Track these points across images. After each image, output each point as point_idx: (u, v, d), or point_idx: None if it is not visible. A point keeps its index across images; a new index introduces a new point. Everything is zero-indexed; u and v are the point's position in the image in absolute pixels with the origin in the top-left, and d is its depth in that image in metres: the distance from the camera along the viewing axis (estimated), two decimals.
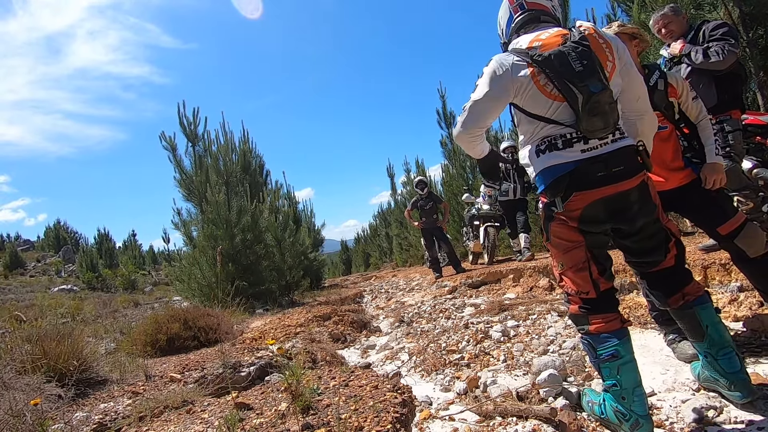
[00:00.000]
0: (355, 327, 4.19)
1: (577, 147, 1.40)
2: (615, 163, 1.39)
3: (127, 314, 7.22)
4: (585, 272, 1.45)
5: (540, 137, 1.47)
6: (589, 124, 1.36)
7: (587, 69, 1.34)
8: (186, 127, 7.11)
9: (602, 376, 1.48)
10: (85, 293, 13.85)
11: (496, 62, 1.47)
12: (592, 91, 1.32)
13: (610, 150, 1.40)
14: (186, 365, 2.59)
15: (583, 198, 1.40)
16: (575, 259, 1.47)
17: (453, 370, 2.42)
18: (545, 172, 1.46)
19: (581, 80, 1.33)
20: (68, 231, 26.69)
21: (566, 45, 1.38)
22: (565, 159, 1.41)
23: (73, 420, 1.78)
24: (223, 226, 6.24)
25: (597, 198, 1.39)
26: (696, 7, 3.80)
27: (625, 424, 1.40)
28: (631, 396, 1.39)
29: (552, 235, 1.50)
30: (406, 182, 13.86)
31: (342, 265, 25.01)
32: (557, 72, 1.36)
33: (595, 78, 1.33)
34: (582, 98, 1.33)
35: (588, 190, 1.39)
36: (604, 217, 1.43)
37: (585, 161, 1.39)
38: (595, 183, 1.38)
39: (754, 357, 1.86)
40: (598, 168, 1.38)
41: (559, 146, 1.42)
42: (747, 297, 2.30)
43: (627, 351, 1.42)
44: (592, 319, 1.46)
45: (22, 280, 16.61)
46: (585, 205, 1.40)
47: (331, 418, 1.37)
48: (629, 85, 1.48)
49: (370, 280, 11.16)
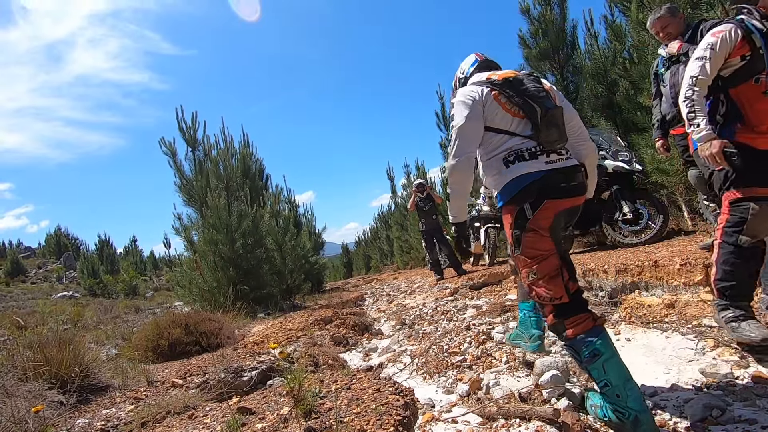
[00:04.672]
0: (356, 330, 4.18)
1: (542, 159, 1.56)
2: (573, 177, 1.58)
3: (129, 320, 7.22)
4: (558, 278, 1.53)
5: (506, 149, 1.61)
6: (548, 134, 1.56)
7: (542, 90, 1.62)
8: (185, 132, 7.12)
9: (594, 380, 1.51)
10: (86, 299, 13.85)
11: (465, 92, 1.68)
12: (548, 106, 1.57)
13: (567, 165, 1.59)
14: (188, 370, 2.58)
15: (554, 206, 1.53)
16: (550, 267, 1.54)
17: (455, 372, 2.41)
18: (514, 182, 1.56)
19: (539, 97, 1.59)
20: (69, 237, 26.71)
21: (521, 74, 1.67)
22: (533, 168, 1.54)
23: (75, 426, 1.78)
24: (223, 230, 6.24)
25: (565, 207, 1.55)
26: (693, 7, 3.82)
27: (627, 423, 1.40)
28: (624, 392, 1.41)
29: (526, 247, 1.56)
30: (406, 184, 13.86)
31: (343, 268, 24.99)
32: (518, 90, 1.61)
33: (549, 98, 1.62)
34: (540, 111, 1.56)
35: (557, 198, 1.53)
36: (563, 226, 1.60)
37: (550, 171, 1.54)
38: (561, 193, 1.55)
39: (758, 355, 1.86)
40: (561, 179, 1.55)
41: (526, 157, 1.56)
42: None
43: (606, 347, 1.46)
44: (567, 323, 1.51)
45: (24, 287, 16.61)
46: (555, 213, 1.53)
47: (334, 422, 1.36)
48: (568, 118, 1.71)
49: (371, 283, 11.14)
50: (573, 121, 1.74)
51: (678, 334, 2.24)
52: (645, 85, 4.68)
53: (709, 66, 1.90)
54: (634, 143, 4.83)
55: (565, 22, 6.08)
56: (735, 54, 1.88)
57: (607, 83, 5.60)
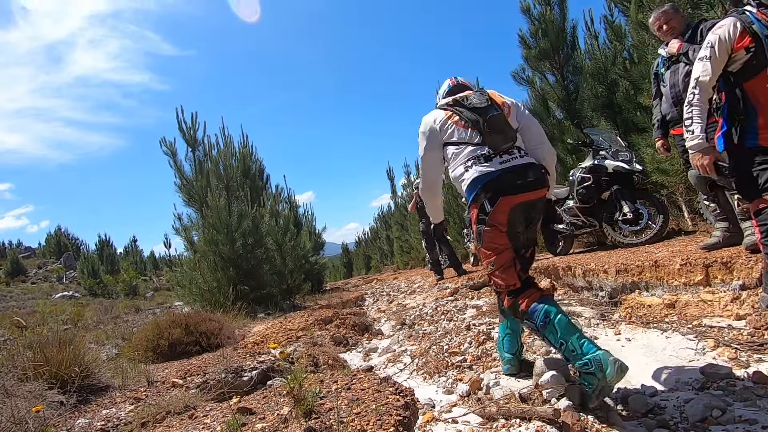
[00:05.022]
0: (356, 330, 4.18)
1: (496, 161, 1.80)
2: (527, 173, 1.77)
3: (129, 320, 7.22)
4: (511, 269, 1.79)
5: (466, 157, 1.85)
6: (493, 139, 1.81)
7: (484, 103, 1.89)
8: (185, 132, 7.12)
9: (553, 345, 1.68)
10: (86, 299, 13.85)
11: (423, 123, 1.99)
12: (489, 114, 1.84)
13: (520, 163, 1.79)
14: (188, 370, 2.58)
15: (509, 201, 1.74)
16: (504, 260, 1.79)
17: (455, 372, 2.41)
18: (474, 182, 1.80)
19: (480, 108, 1.87)
20: (69, 237, 26.72)
21: (471, 92, 1.96)
22: (488, 170, 1.78)
23: (75, 427, 1.78)
24: (223, 230, 6.24)
25: (519, 202, 1.75)
26: (693, 7, 3.81)
27: (598, 373, 1.50)
28: (578, 345, 1.58)
29: (485, 241, 1.80)
30: (406, 184, 13.85)
31: (343, 268, 25.00)
32: (464, 106, 1.90)
33: (492, 108, 1.86)
34: (482, 120, 1.83)
35: (511, 194, 1.74)
36: (521, 219, 1.80)
37: (504, 171, 1.77)
38: (516, 189, 1.75)
39: (758, 355, 1.86)
40: (514, 176, 1.76)
41: (482, 161, 1.81)
42: (749, 295, 2.29)
43: (554, 307, 1.69)
44: (520, 299, 1.77)
45: (24, 287, 16.61)
46: (510, 208, 1.74)
47: (334, 422, 1.36)
48: (525, 125, 1.94)
49: (371, 283, 11.15)
50: (531, 128, 1.96)
51: (678, 334, 2.24)
52: (645, 85, 4.68)
53: (711, 65, 1.89)
54: (634, 143, 4.83)
55: (565, 22, 6.07)
56: (738, 47, 1.84)
57: (608, 83, 5.59)
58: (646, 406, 1.65)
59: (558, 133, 6.01)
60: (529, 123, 1.96)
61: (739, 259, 2.43)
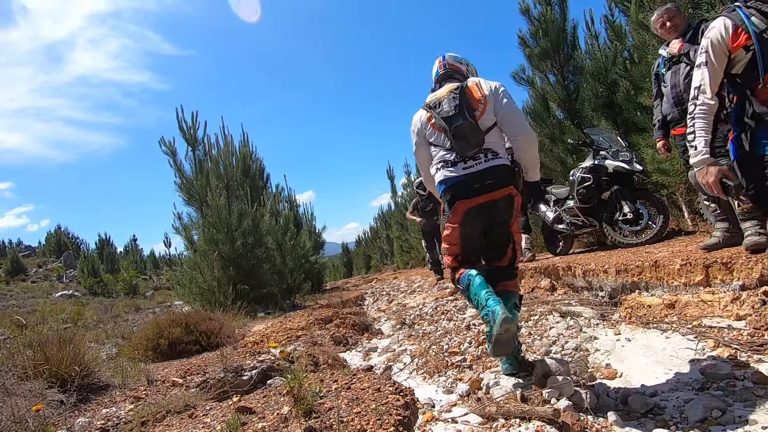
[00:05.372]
0: (356, 330, 4.19)
1: (460, 166, 1.97)
2: (487, 177, 1.92)
3: (129, 319, 7.22)
4: (456, 246, 2.08)
5: (438, 159, 2.06)
6: (458, 146, 1.95)
7: (454, 110, 1.96)
8: (185, 132, 7.11)
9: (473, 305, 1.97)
10: (86, 298, 13.86)
11: (412, 122, 2.17)
12: (454, 123, 1.94)
13: (483, 168, 1.93)
14: (188, 370, 2.58)
15: (464, 205, 1.95)
16: (453, 251, 2.09)
17: (455, 371, 2.41)
18: (440, 184, 2.05)
19: (448, 117, 1.96)
20: (69, 236, 26.72)
21: (447, 95, 2.02)
22: (452, 174, 1.98)
23: (75, 425, 1.78)
24: (223, 229, 6.24)
25: (474, 205, 1.94)
26: (694, 7, 3.81)
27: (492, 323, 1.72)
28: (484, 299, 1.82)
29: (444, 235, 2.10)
30: (406, 184, 13.84)
31: (343, 267, 25.00)
32: (437, 112, 2.02)
33: (460, 116, 1.94)
34: (449, 128, 1.95)
35: (466, 198, 1.94)
36: (477, 217, 1.98)
37: (465, 176, 1.94)
38: (473, 192, 1.93)
39: (758, 355, 1.86)
40: (474, 181, 1.93)
41: (448, 166, 2.00)
42: (749, 295, 2.29)
43: (474, 272, 1.96)
44: (458, 273, 2.06)
45: (24, 286, 16.62)
46: (464, 211, 1.96)
47: (334, 421, 1.36)
48: (503, 117, 1.99)
49: (371, 283, 11.15)
50: (510, 119, 2.00)
51: (678, 335, 2.24)
52: (646, 85, 4.68)
53: (708, 70, 1.78)
54: (634, 143, 4.83)
55: (566, 22, 6.07)
56: (736, 47, 1.73)
57: (608, 83, 5.59)
58: (646, 406, 1.65)
59: (558, 133, 6.01)
60: (507, 114, 1.99)
61: (739, 260, 2.43)
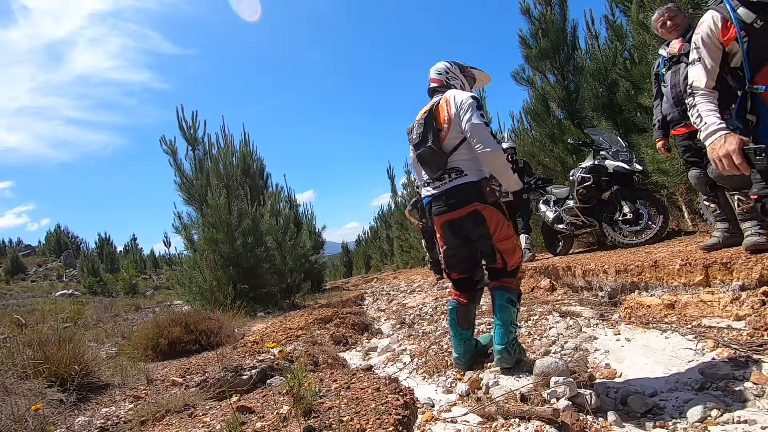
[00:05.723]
0: (356, 329, 4.19)
1: (429, 187, 2.23)
2: (449, 197, 2.13)
3: (129, 318, 7.22)
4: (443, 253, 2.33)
5: (421, 176, 2.30)
6: (425, 169, 2.22)
7: (418, 138, 2.19)
8: (185, 131, 7.11)
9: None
10: (86, 298, 13.86)
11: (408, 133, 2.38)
12: (418, 150, 2.18)
13: (446, 188, 2.14)
14: (187, 369, 2.58)
15: (438, 220, 2.23)
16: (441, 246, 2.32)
17: (455, 371, 2.41)
18: (423, 200, 2.32)
19: (414, 144, 2.23)
20: (69, 236, 26.73)
21: (418, 120, 2.21)
22: (427, 193, 2.25)
23: (75, 425, 1.78)
24: (223, 229, 6.24)
25: (443, 221, 2.21)
26: (694, 7, 3.81)
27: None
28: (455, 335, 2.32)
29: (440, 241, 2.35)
30: (406, 183, 13.84)
31: (343, 267, 25.01)
32: (409, 139, 2.29)
33: (422, 143, 2.15)
34: (414, 154, 2.23)
35: (437, 216, 2.21)
36: (450, 231, 2.22)
37: (434, 196, 2.20)
38: (438, 213, 2.20)
39: (757, 355, 1.86)
40: (437, 202, 2.19)
41: (426, 185, 2.26)
42: (749, 296, 2.29)
43: (453, 311, 2.32)
44: (452, 290, 2.39)
45: (24, 285, 16.62)
46: (440, 225, 2.24)
47: (333, 421, 1.36)
48: (468, 135, 2.07)
49: (371, 283, 11.15)
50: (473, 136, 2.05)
51: (678, 335, 2.24)
52: (646, 86, 4.68)
53: (700, 66, 1.74)
54: (634, 143, 4.83)
55: (566, 22, 6.07)
56: (728, 40, 1.68)
57: (608, 83, 5.59)
58: (645, 406, 1.65)
59: (558, 133, 6.01)
60: (470, 132, 2.06)
61: (738, 260, 2.43)
